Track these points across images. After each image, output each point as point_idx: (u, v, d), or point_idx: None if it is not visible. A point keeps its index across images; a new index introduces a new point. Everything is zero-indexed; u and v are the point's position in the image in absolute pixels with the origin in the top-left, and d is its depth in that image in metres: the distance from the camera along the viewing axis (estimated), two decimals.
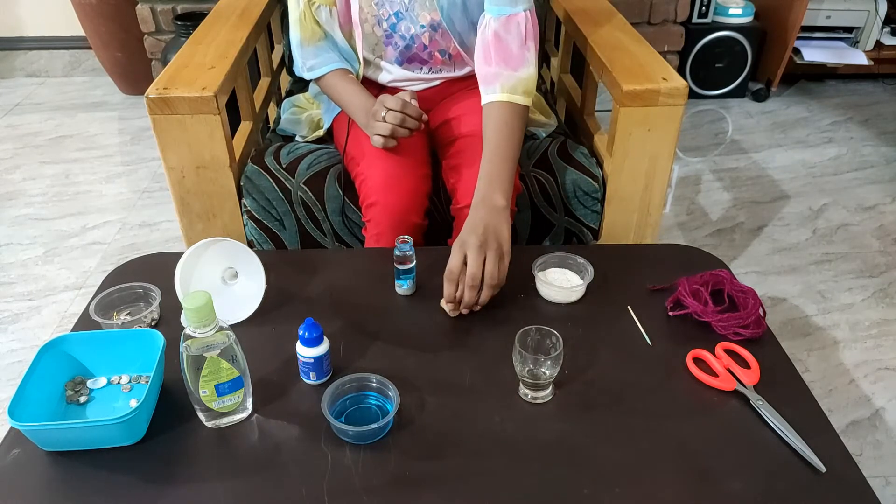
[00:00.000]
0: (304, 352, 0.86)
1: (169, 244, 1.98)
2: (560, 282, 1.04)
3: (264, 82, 1.69)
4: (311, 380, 0.89)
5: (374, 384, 0.85)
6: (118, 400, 0.87)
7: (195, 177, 1.27)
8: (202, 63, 1.29)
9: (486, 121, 1.17)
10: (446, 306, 0.99)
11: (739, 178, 2.34)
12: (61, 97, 2.91)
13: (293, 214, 1.32)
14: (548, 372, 0.85)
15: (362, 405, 0.85)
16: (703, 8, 2.70)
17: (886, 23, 2.82)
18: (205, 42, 1.39)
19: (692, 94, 2.86)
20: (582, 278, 1.04)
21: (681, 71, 2.79)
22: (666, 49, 2.74)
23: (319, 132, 1.46)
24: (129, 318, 0.97)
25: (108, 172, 2.36)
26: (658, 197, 1.34)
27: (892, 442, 1.40)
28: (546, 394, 0.86)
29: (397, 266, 1.01)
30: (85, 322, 0.97)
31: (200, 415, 0.82)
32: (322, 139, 1.46)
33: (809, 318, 1.72)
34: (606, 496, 0.74)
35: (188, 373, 0.78)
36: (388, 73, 1.37)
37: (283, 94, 1.79)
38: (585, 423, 0.83)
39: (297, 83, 1.73)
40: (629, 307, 1.02)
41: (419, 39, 1.30)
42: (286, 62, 1.78)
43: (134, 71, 2.83)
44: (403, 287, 1.03)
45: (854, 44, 2.85)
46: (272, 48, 1.82)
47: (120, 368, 0.89)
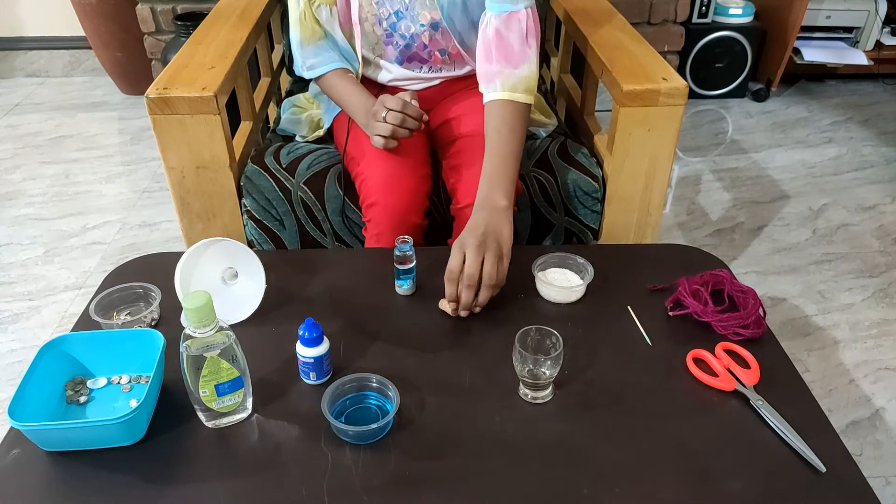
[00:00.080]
0: (304, 352, 0.86)
1: (169, 244, 1.98)
2: (560, 282, 1.04)
3: (264, 82, 1.69)
4: (311, 380, 0.89)
5: (374, 384, 0.85)
6: (118, 400, 0.87)
7: (195, 177, 1.27)
8: (202, 63, 1.29)
9: (488, 120, 1.17)
10: (448, 306, 0.99)
11: (739, 178, 2.34)
12: (61, 97, 2.91)
13: (293, 214, 1.32)
14: (548, 372, 0.85)
15: (362, 405, 0.85)
16: (703, 8, 2.70)
17: (886, 23, 2.82)
18: (205, 42, 1.39)
19: (692, 94, 2.86)
20: (582, 278, 1.04)
21: (681, 71, 2.79)
22: (666, 49, 2.74)
23: (319, 132, 1.46)
24: (129, 318, 0.97)
25: (108, 172, 2.36)
26: (658, 197, 1.34)
27: (892, 442, 1.40)
28: (546, 394, 0.86)
29: (397, 266, 1.02)
30: (85, 322, 0.97)
31: (200, 415, 0.82)
32: (322, 139, 1.46)
33: (809, 318, 1.72)
34: (606, 496, 0.74)
35: (188, 373, 0.78)
36: (388, 72, 1.37)
37: (283, 94, 1.79)
38: (585, 423, 0.83)
39: (297, 83, 1.73)
40: (629, 307, 1.02)
41: (419, 38, 1.30)
42: (286, 62, 1.78)
43: (134, 71, 2.83)
44: (403, 287, 1.03)
45: (854, 44, 2.85)
46: (272, 48, 1.82)
47: (120, 368, 0.89)
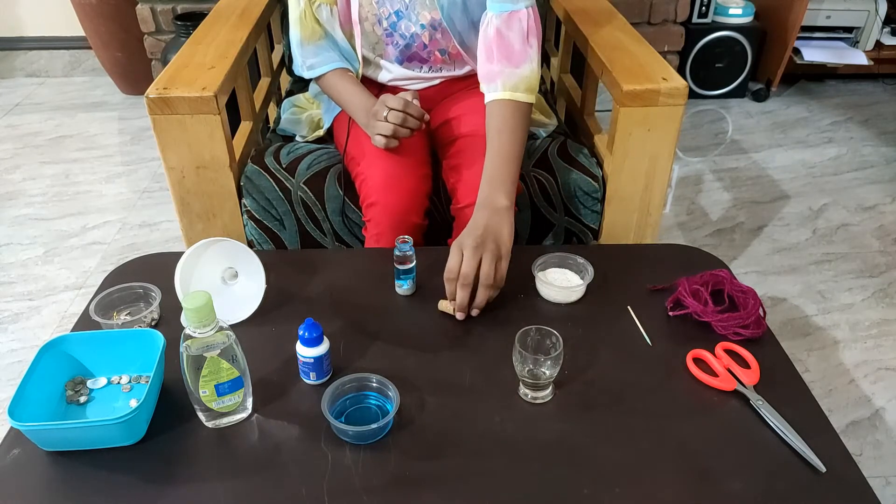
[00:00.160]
0: (304, 352, 0.86)
1: (169, 244, 1.98)
2: (560, 282, 1.04)
3: (264, 82, 1.69)
4: (311, 380, 0.89)
5: (374, 384, 0.85)
6: (118, 400, 0.87)
7: (195, 177, 1.27)
8: (202, 63, 1.29)
9: (489, 120, 1.17)
10: (448, 307, 0.99)
11: (739, 178, 2.34)
12: (61, 97, 2.91)
13: (293, 214, 1.32)
14: (548, 372, 0.85)
15: (362, 405, 0.85)
16: (703, 8, 2.70)
17: (886, 23, 2.82)
18: (205, 42, 1.39)
19: (692, 94, 2.86)
20: (582, 278, 1.04)
21: (681, 71, 2.79)
22: (666, 49, 2.74)
23: (319, 132, 1.46)
24: (129, 318, 0.97)
25: (108, 172, 2.36)
26: (658, 197, 1.34)
27: (892, 442, 1.40)
28: (546, 394, 0.86)
29: (397, 266, 1.01)
30: (85, 322, 0.97)
31: (200, 415, 0.82)
32: (322, 139, 1.46)
33: (809, 318, 1.72)
34: (606, 496, 0.74)
35: (188, 373, 0.78)
36: (388, 71, 1.37)
37: (283, 94, 1.79)
38: (585, 423, 0.83)
39: (297, 83, 1.73)
40: (629, 307, 1.02)
41: (419, 38, 1.30)
42: (286, 62, 1.78)
43: (134, 71, 2.83)
44: (403, 287, 1.03)
45: (854, 44, 2.85)
46: (272, 48, 1.82)
47: (120, 368, 0.89)
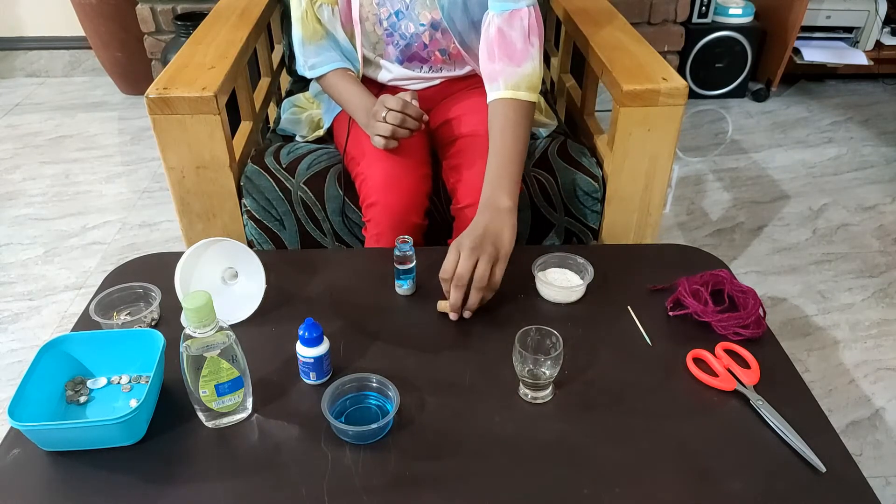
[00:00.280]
0: (304, 352, 0.86)
1: (169, 244, 1.98)
2: (560, 282, 1.04)
3: (264, 82, 1.69)
4: (311, 380, 0.89)
5: (374, 384, 0.85)
6: (118, 400, 0.87)
7: (195, 177, 1.27)
8: (202, 63, 1.29)
9: (491, 119, 1.17)
10: (447, 307, 0.99)
11: (739, 178, 2.34)
12: (61, 97, 2.91)
13: (293, 214, 1.32)
14: (548, 372, 0.85)
15: (362, 405, 0.85)
16: (703, 8, 2.70)
17: (886, 23, 2.82)
18: (205, 42, 1.39)
19: (692, 94, 2.86)
20: (582, 278, 1.04)
21: (681, 71, 2.79)
22: (666, 49, 2.74)
23: (319, 132, 1.46)
24: (129, 318, 0.97)
25: (108, 172, 2.36)
26: (658, 197, 1.34)
27: (892, 442, 1.40)
28: (546, 394, 0.86)
29: (397, 266, 1.01)
30: (85, 322, 0.97)
31: (200, 415, 0.82)
32: (322, 139, 1.46)
33: (809, 318, 1.72)
34: (606, 496, 0.74)
35: (188, 373, 0.78)
36: (389, 71, 1.37)
37: (283, 94, 1.79)
38: (585, 423, 0.83)
39: (297, 83, 1.73)
40: (629, 307, 1.02)
41: (419, 38, 1.30)
42: (286, 62, 1.78)
43: (134, 71, 2.83)
44: (403, 287, 1.03)
45: (854, 44, 2.85)
46: (272, 48, 1.82)
47: (120, 368, 0.89)
